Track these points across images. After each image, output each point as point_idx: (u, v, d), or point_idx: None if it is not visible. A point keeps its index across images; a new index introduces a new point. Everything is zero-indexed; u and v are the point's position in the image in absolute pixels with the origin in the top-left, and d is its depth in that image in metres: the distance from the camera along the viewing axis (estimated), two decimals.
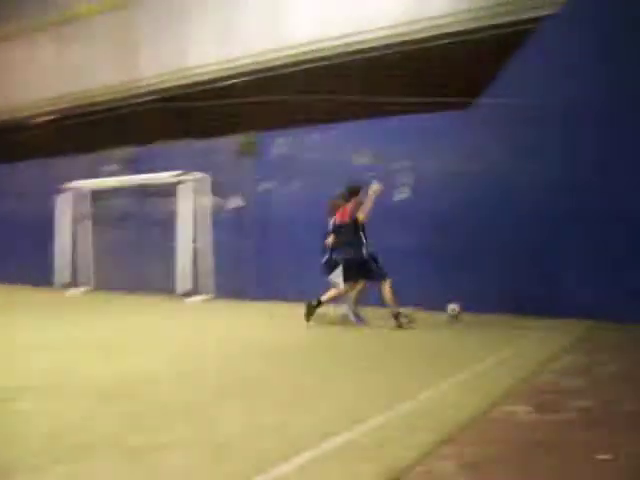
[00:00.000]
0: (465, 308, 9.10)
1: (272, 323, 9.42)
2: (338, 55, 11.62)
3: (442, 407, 4.33)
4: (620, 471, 3.18)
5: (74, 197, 15.05)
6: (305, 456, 3.27)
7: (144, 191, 14.07)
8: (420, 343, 7.42)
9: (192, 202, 13.05)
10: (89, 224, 15.01)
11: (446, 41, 10.60)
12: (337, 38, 11.67)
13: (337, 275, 8.75)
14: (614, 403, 4.53)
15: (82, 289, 14.54)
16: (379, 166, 10.52)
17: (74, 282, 14.77)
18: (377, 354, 6.74)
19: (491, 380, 5.21)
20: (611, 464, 3.25)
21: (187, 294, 12.65)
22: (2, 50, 17.72)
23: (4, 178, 16.90)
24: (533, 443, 3.61)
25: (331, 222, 9.12)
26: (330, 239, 9.08)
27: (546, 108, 9.14)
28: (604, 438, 3.67)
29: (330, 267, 8.97)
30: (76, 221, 15.11)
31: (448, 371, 5.53)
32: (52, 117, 16.29)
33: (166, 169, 13.13)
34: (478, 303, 9.26)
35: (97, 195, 14.98)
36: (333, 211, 9.10)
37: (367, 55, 11.34)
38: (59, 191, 14.96)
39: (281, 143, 12.38)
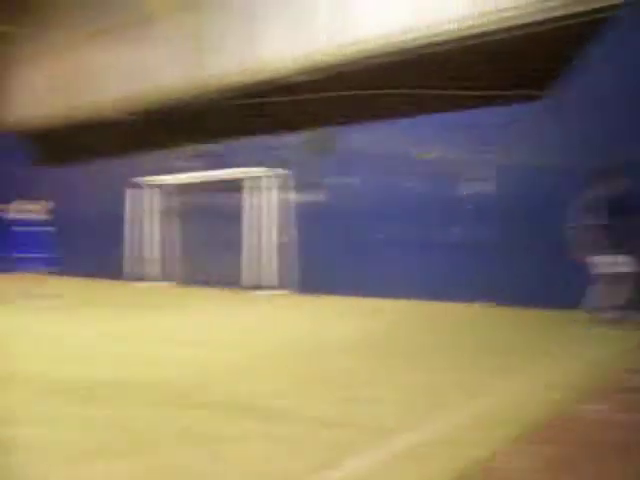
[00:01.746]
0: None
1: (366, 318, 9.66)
2: (411, 48, 11.76)
3: (521, 404, 4.42)
4: None
5: (149, 193, 15.73)
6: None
7: (220, 186, 14.51)
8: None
9: (269, 197, 13.45)
10: (170, 219, 15.67)
11: (520, 32, 10.67)
12: (409, 31, 11.80)
13: None
14: None
15: (165, 283, 15.13)
16: (456, 159, 10.76)
17: (158, 276, 15.44)
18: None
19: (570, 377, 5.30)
20: None
21: (268, 288, 12.99)
22: (79, 53, 18.46)
23: (84, 176, 17.75)
24: (614, 443, 3.59)
25: None
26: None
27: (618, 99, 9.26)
28: None
29: None
30: (151, 216, 15.79)
31: (524, 367, 5.71)
32: (130, 116, 16.94)
33: (241, 165, 13.54)
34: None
35: (176, 191, 15.57)
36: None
37: (440, 48, 11.46)
38: (134, 186, 15.68)
39: (357, 137, 12.64)
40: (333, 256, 12.78)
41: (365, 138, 12.57)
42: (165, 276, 15.32)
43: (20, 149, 20.47)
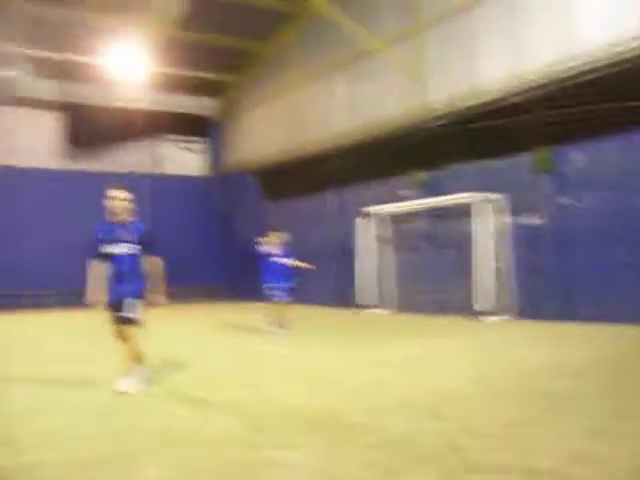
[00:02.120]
0: None
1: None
2: (632, 59, 11.01)
3: None
4: None
5: (373, 221, 16.12)
6: None
7: (439, 213, 14.63)
8: None
9: (489, 222, 13.22)
10: (389, 247, 16.04)
11: None
12: (632, 40, 11.06)
13: None
14: None
15: (384, 310, 15.43)
16: None
17: (377, 303, 15.76)
18: None
19: None
20: None
21: (487, 314, 12.76)
22: (301, 90, 19.72)
23: (310, 207, 18.79)
24: None
25: None
26: None
27: None
28: None
29: None
30: (376, 244, 16.17)
31: None
32: (347, 149, 17.66)
33: (460, 191, 13.45)
34: None
35: (395, 219, 15.90)
36: None
37: None
38: (359, 216, 16.19)
39: (576, 157, 12.13)
40: (561, 279, 12.22)
41: (586, 156, 11.97)
42: (387, 305, 15.58)
43: (254, 186, 22.25)
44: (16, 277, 19.34)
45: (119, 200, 6.00)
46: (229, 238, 23.38)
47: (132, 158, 23.26)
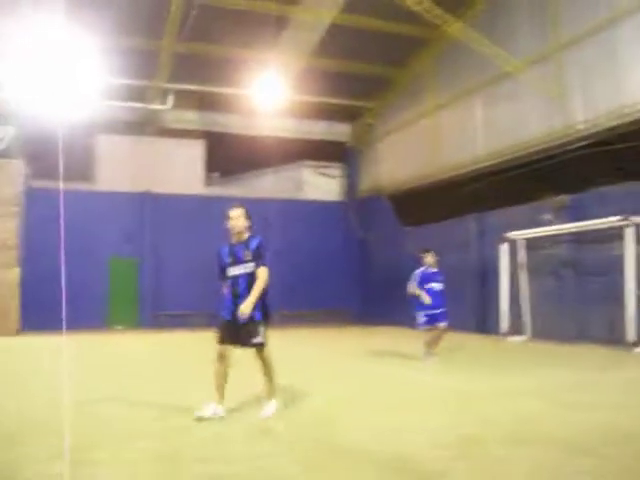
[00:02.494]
0: None
1: None
2: None
3: None
4: None
5: (513, 247, 15.66)
6: None
7: (582, 238, 13.99)
8: None
9: (636, 247, 12.49)
10: (528, 273, 15.44)
11: None
12: None
13: None
14: None
15: (521, 337, 14.90)
16: None
17: (514, 330, 15.22)
18: None
19: None
20: None
21: (635, 344, 12.00)
22: (437, 115, 19.64)
23: (447, 232, 18.46)
24: None
25: None
26: None
27: None
28: None
29: None
30: (515, 270, 15.63)
31: None
32: (485, 172, 17.30)
33: (604, 214, 12.78)
34: None
35: (534, 244, 15.32)
36: None
37: None
38: (499, 241, 15.73)
39: None
40: None
41: None
42: (536, 331, 15.00)
43: (389, 210, 22.26)
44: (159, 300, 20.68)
45: (235, 219, 6.04)
46: (364, 262, 23.52)
47: (271, 184, 24.09)
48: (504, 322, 15.46)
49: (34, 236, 18.49)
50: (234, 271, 6.00)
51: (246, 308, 5.79)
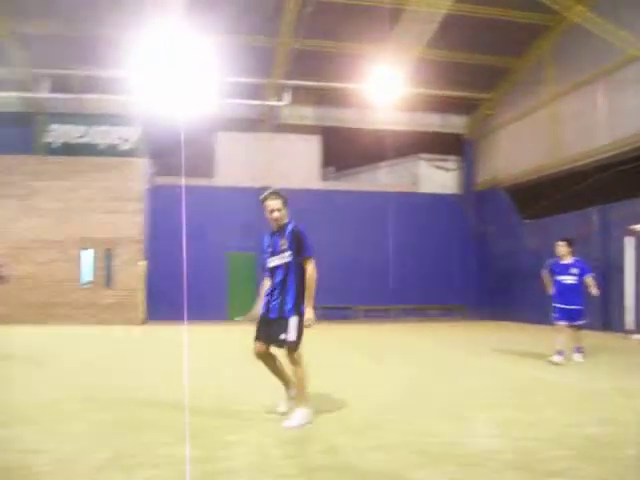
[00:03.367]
0: None
1: None
2: None
3: None
4: None
5: (639, 240, 14.93)
6: None
7: None
8: None
9: None
10: None
11: None
12: None
13: None
14: None
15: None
16: None
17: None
18: None
19: None
20: None
21: None
22: (557, 104, 18.92)
23: (569, 225, 17.76)
24: None
25: None
26: None
27: None
28: None
29: None
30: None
31: None
32: (609, 162, 16.54)
33: None
34: None
35: None
36: None
37: None
38: (625, 234, 15.03)
39: None
40: None
41: None
42: None
43: (507, 203, 21.74)
44: None
45: (270, 207, 5.58)
46: (482, 256, 23.10)
47: (388, 177, 24.15)
48: (629, 319, 14.75)
49: (158, 231, 19.54)
50: (273, 262, 5.62)
51: (309, 314, 5.39)
